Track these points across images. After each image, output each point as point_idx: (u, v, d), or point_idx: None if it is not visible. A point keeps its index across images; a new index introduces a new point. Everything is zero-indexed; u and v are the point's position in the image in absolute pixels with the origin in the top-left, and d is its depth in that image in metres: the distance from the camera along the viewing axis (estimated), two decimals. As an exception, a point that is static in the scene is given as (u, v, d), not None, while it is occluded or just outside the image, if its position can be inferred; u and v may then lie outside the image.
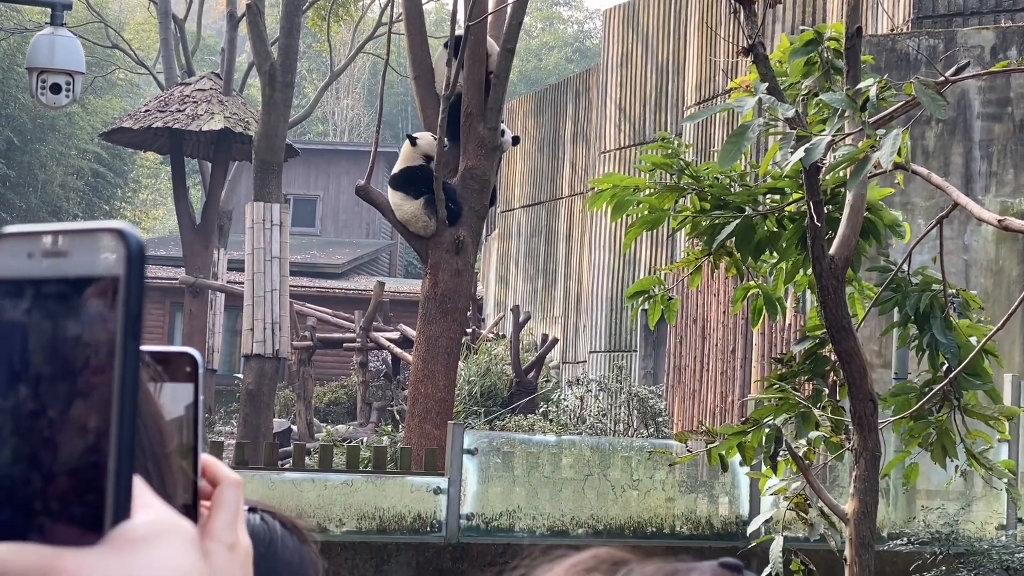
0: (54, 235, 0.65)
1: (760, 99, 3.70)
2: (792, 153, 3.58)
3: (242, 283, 15.24)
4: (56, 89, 9.98)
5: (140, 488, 0.66)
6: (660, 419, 14.89)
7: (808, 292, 5.00)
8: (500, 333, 19.62)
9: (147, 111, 20.74)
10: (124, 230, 0.65)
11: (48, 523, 0.63)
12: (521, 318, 17.08)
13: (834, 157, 3.73)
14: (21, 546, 0.63)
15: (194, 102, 20.39)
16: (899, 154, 3.52)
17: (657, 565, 0.80)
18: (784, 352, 5.46)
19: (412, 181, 10.62)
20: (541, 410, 15.56)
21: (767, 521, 5.22)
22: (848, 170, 3.78)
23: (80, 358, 0.64)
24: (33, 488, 0.64)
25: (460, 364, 14.85)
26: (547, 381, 17.45)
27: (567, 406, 15.64)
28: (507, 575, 0.83)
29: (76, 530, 0.63)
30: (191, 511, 0.74)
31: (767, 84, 3.90)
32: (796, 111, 3.77)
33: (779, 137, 3.77)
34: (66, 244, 0.65)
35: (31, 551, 0.63)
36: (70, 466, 0.63)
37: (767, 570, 4.68)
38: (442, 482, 8.48)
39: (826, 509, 4.65)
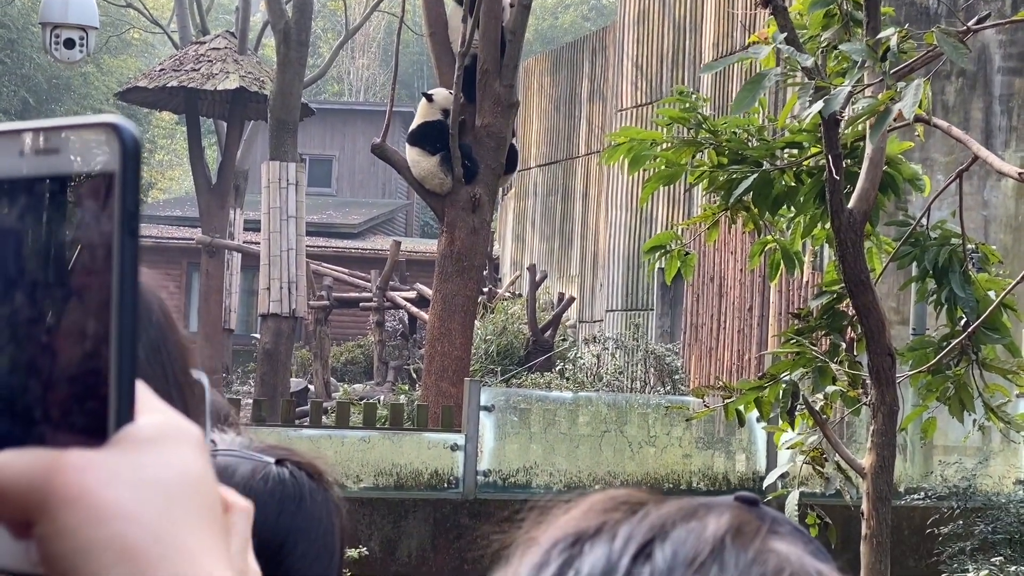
0: (45, 131, 0.63)
1: (778, 47, 3.67)
2: (811, 105, 3.55)
3: (258, 243, 15.26)
4: (70, 44, 9.96)
5: (145, 393, 0.63)
6: (677, 377, 14.90)
7: (826, 247, 4.98)
8: (516, 292, 19.62)
9: (162, 70, 20.70)
10: (118, 124, 0.62)
11: (49, 432, 0.61)
12: (537, 277, 17.07)
13: (853, 109, 3.70)
14: (22, 451, 0.61)
15: (209, 61, 20.34)
16: (920, 106, 3.48)
17: (675, 504, 0.78)
18: (801, 308, 5.45)
19: (429, 136, 10.60)
20: (558, 368, 15.58)
21: (783, 476, 5.23)
22: (868, 122, 3.75)
23: (76, 260, 0.62)
24: (32, 397, 0.62)
25: (476, 323, 14.87)
26: (564, 340, 17.46)
27: (584, 364, 15.65)
28: (524, 518, 0.82)
29: (79, 437, 0.61)
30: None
31: (786, 35, 3.87)
32: (815, 62, 3.74)
33: (797, 88, 3.74)
34: (57, 141, 0.62)
35: (32, 454, 0.61)
36: (70, 373, 0.61)
37: (784, 524, 4.68)
38: (459, 439, 8.50)
39: (843, 463, 4.65)
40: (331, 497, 1.37)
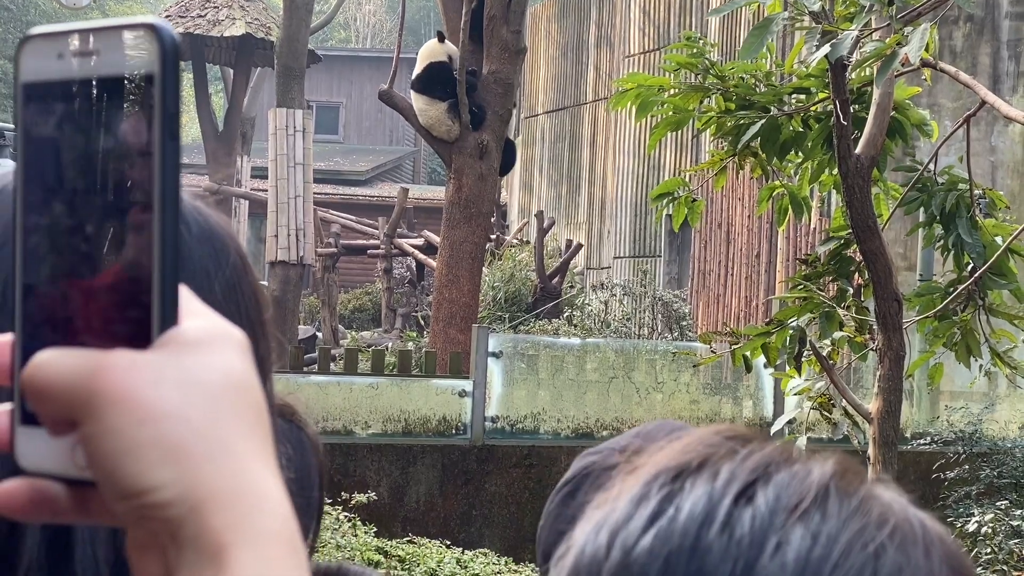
0: (84, 33, 0.62)
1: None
2: (817, 49, 3.54)
3: (266, 190, 15.25)
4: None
5: (189, 299, 0.63)
6: (684, 323, 14.92)
7: (833, 193, 4.98)
8: (524, 239, 19.61)
9: (168, 16, 20.61)
10: (157, 25, 0.61)
11: (91, 340, 0.61)
12: (545, 224, 17.06)
13: (861, 54, 3.69)
14: (67, 351, 0.60)
15: (215, 7, 20.25)
16: (926, 50, 3.47)
17: (779, 447, 0.78)
18: (808, 253, 5.45)
19: (436, 79, 10.55)
20: (565, 315, 15.60)
21: (790, 422, 5.25)
22: (875, 67, 3.74)
23: (116, 165, 0.61)
24: (74, 306, 0.61)
25: (484, 270, 14.88)
26: (571, 287, 17.47)
27: (591, 311, 15.67)
28: (628, 452, 0.82)
29: (123, 342, 0.60)
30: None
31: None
32: (822, 6, 3.73)
33: (804, 32, 3.73)
34: (97, 42, 0.61)
35: (78, 355, 0.60)
36: (113, 280, 0.61)
37: (790, 469, 4.71)
38: (467, 385, 8.54)
39: (850, 409, 4.67)
40: (305, 436, 1.35)
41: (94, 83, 0.61)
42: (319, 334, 17.46)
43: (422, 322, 16.66)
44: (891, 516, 0.75)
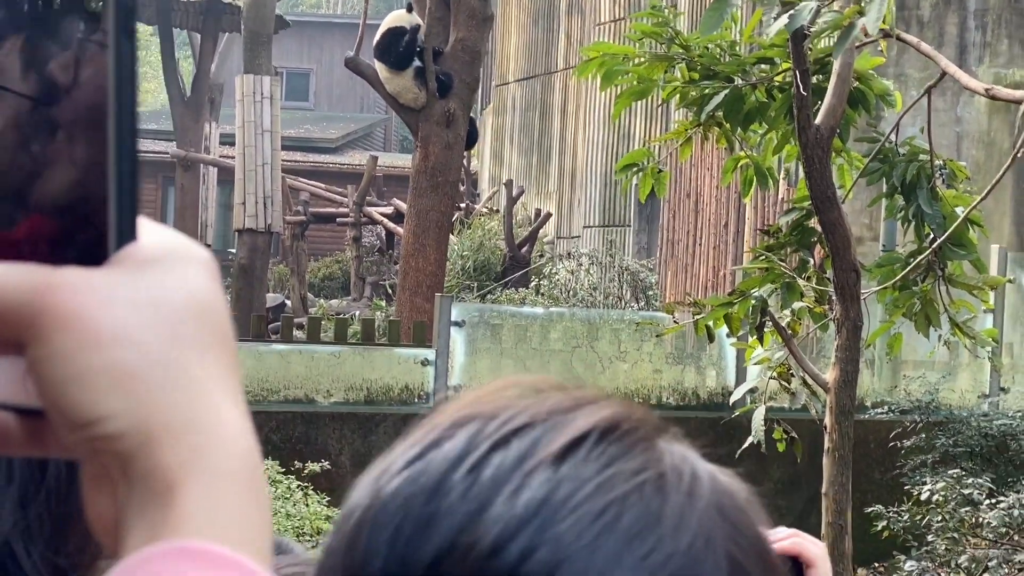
0: None
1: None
2: (775, 20, 3.54)
3: (233, 157, 15.17)
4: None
5: (149, 222, 0.57)
6: (651, 293, 14.95)
7: (797, 163, 4.99)
8: (494, 208, 19.59)
9: (135, -18, 20.41)
10: None
11: (40, 260, 0.55)
12: (514, 193, 17.03)
13: (820, 25, 3.69)
14: (10, 265, 0.54)
15: (182, -28, 20.10)
16: (884, 21, 3.47)
17: (570, 396, 0.74)
18: (771, 224, 5.47)
19: (394, 46, 10.49)
20: (533, 284, 15.61)
21: (751, 391, 5.28)
22: (834, 37, 3.74)
23: (64, 69, 0.55)
24: (19, 227, 0.55)
25: (453, 239, 14.86)
26: (541, 256, 17.48)
27: (559, 280, 15.69)
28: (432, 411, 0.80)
29: (77, 258, 0.55)
30: None
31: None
32: (782, -24, 3.72)
33: (763, 4, 3.72)
34: None
35: (24, 270, 0.54)
36: (62, 198, 0.55)
37: (750, 439, 4.74)
38: (430, 354, 8.54)
39: (808, 378, 4.69)
40: None
41: None
42: (288, 302, 17.42)
43: (390, 291, 16.64)
44: (656, 463, 0.70)
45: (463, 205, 17.05)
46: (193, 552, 0.52)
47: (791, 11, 3.53)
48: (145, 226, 0.56)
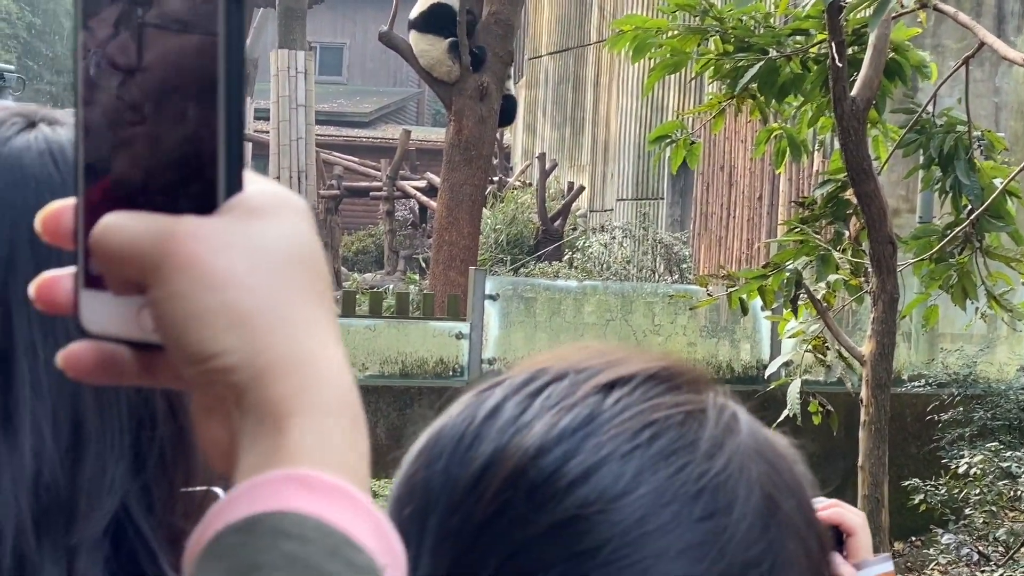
0: None
1: (780, -66, 3.61)
2: (811, -10, 3.51)
3: (268, 132, 15.20)
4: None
5: (251, 173, 0.62)
6: (684, 266, 14.91)
7: (832, 135, 4.96)
8: (527, 182, 19.56)
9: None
10: None
11: (156, 208, 0.60)
12: (547, 166, 17.00)
13: (856, -5, 3.66)
14: (134, 214, 0.60)
15: (215, -52, 20.10)
16: (922, -10, 3.44)
17: (640, 358, 0.81)
18: (805, 196, 5.44)
19: (435, 18, 10.48)
20: (566, 258, 15.60)
21: (786, 364, 5.26)
22: (870, 9, 3.71)
23: (176, 33, 0.59)
24: (136, 183, 0.60)
25: (486, 212, 14.85)
26: (574, 229, 17.46)
27: (592, 253, 15.66)
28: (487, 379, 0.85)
29: (190, 207, 0.60)
30: None
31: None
32: (818, -53, 3.69)
33: (799, -27, 3.69)
34: None
35: (146, 218, 0.59)
36: (175, 152, 0.60)
37: (785, 411, 4.72)
38: (464, 327, 8.55)
39: (843, 351, 4.67)
40: None
41: None
42: (322, 276, 17.44)
43: (424, 264, 16.67)
44: (696, 402, 0.77)
45: (496, 178, 17.04)
46: (304, 479, 0.57)
47: (827, -18, 3.50)
48: (250, 177, 0.61)
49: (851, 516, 1.35)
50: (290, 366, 0.58)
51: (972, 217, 4.57)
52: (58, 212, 0.62)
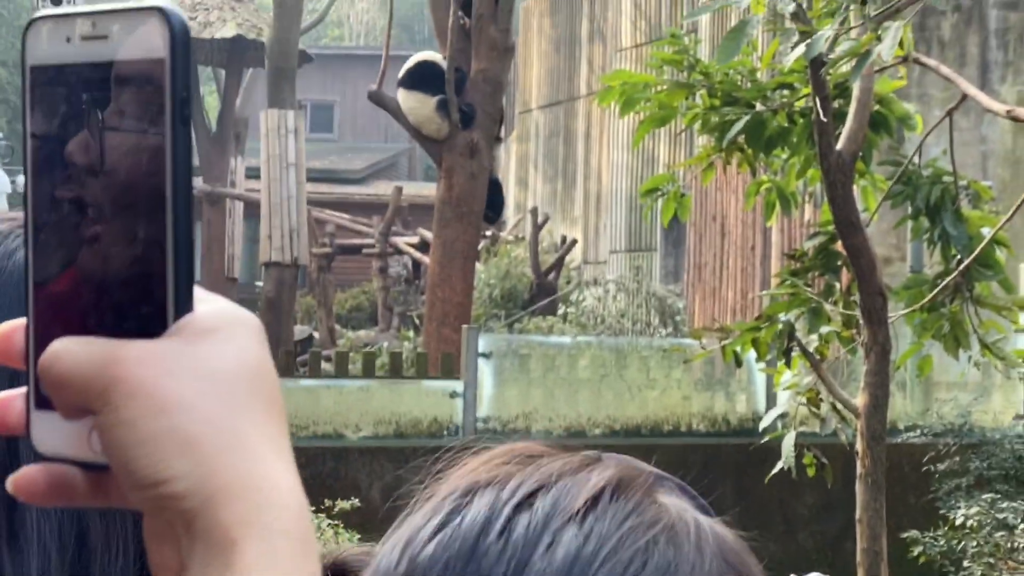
0: (92, 16, 0.61)
1: (761, -7, 3.65)
2: (792, 49, 3.54)
3: (259, 191, 15.24)
4: (56, 0, 9.98)
5: (200, 290, 0.62)
6: (679, 318, 14.91)
7: (821, 186, 4.98)
8: (520, 235, 19.60)
9: (159, 20, 20.57)
10: (166, 8, 0.60)
11: (105, 331, 0.60)
12: (540, 219, 17.03)
13: (838, 51, 3.69)
14: (82, 339, 0.60)
15: (206, 8, 20.25)
16: (901, 47, 3.47)
17: (570, 457, 0.81)
18: (796, 248, 5.45)
19: (423, 76, 10.55)
20: (561, 312, 15.59)
21: (781, 416, 5.25)
22: (851, 63, 3.73)
23: (125, 152, 0.60)
24: (85, 303, 0.60)
25: (480, 267, 14.86)
26: (568, 282, 17.47)
27: (586, 307, 15.67)
28: (428, 474, 0.85)
29: (138, 329, 0.60)
30: None
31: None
32: (799, 5, 3.72)
33: (780, 33, 3.73)
34: (105, 26, 0.60)
35: (94, 343, 0.59)
36: (124, 272, 0.60)
37: (779, 464, 4.71)
38: (458, 386, 8.52)
39: (838, 404, 4.67)
40: None
41: (102, 67, 0.60)
42: (316, 334, 17.45)
43: (417, 321, 16.65)
44: (664, 516, 0.78)
45: (489, 233, 17.07)
46: None
47: (808, 40, 3.53)
48: (200, 296, 0.62)
49: None
50: (240, 490, 0.58)
51: (961, 267, 4.58)
52: (9, 333, 0.63)
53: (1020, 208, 4.61)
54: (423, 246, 17.54)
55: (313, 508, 6.93)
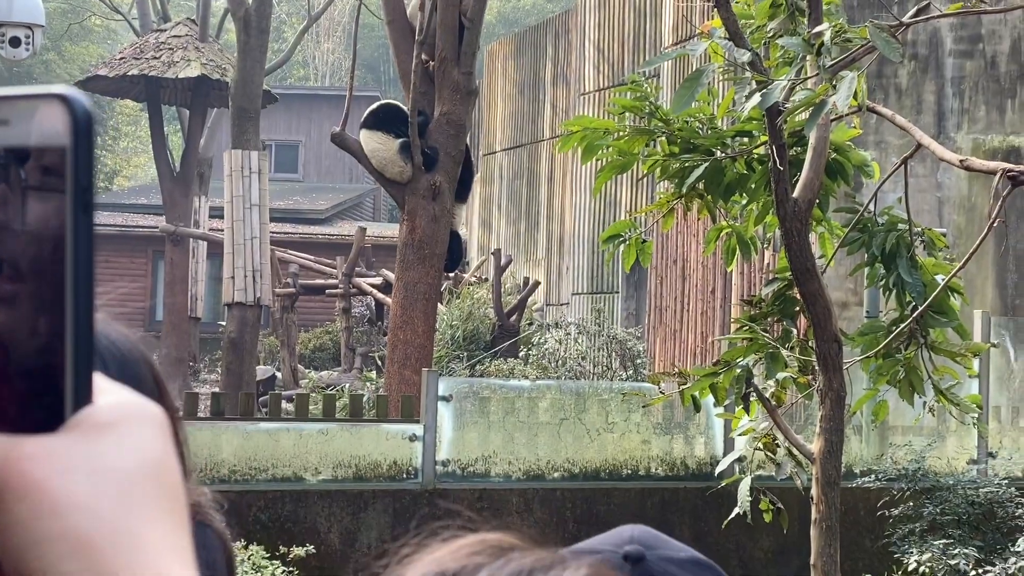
0: None
1: (717, 42, 3.70)
2: (747, 99, 3.59)
3: (223, 231, 15.21)
4: (15, 42, 9.94)
5: (101, 379, 0.60)
6: (639, 361, 14.95)
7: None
8: (483, 277, 19.64)
9: (122, 59, 20.55)
10: (67, 95, 0.58)
11: (2, 421, 0.58)
12: (503, 261, 17.07)
13: (794, 101, 3.74)
14: None
15: (170, 49, 20.22)
16: (855, 97, 3.52)
17: (540, 554, 0.79)
18: (753, 294, 5.49)
19: (386, 118, 10.58)
20: (522, 354, 15.60)
21: (738, 460, 5.27)
22: (807, 112, 3.78)
23: (25, 241, 0.58)
24: None
25: (442, 308, 14.86)
26: (530, 324, 17.50)
27: (547, 349, 15.69)
28: (394, 555, 0.82)
29: (35, 420, 0.57)
30: None
31: (725, 28, 3.90)
32: (755, 54, 3.77)
33: (735, 83, 3.78)
34: (6, 112, 0.58)
35: None
36: (21, 363, 0.58)
37: (736, 509, 4.73)
38: (417, 429, 8.50)
39: (793, 449, 4.70)
40: (212, 533, 1.28)
41: (2, 154, 0.58)
42: (278, 374, 17.38)
43: (380, 362, 16.62)
44: None
45: (452, 275, 17.09)
46: None
47: (764, 89, 3.58)
48: (99, 386, 0.59)
49: None
50: None
51: (916, 313, 4.63)
52: None
53: (973, 255, 4.67)
54: (386, 287, 17.54)
55: (268, 555, 6.86)
